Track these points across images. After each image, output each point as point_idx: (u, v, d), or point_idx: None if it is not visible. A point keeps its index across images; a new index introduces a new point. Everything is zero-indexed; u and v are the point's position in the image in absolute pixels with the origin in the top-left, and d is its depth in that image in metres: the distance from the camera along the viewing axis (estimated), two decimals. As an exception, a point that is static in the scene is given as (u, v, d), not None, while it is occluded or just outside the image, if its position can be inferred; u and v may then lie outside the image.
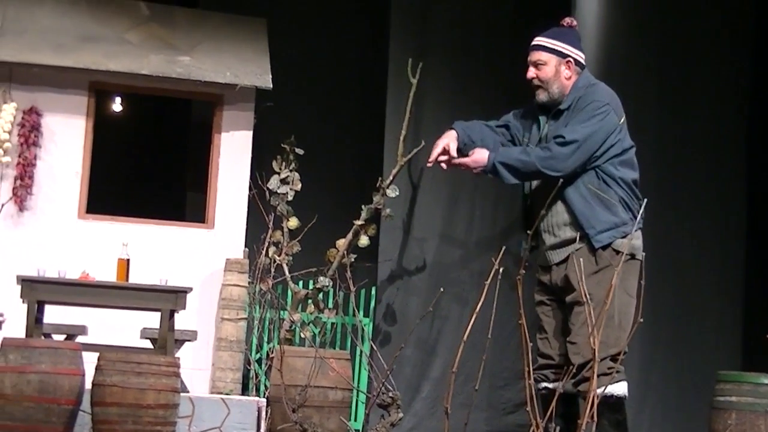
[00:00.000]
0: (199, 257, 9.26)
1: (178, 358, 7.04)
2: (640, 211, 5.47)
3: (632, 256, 5.72)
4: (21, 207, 9.04)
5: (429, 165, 6.14)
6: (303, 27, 9.97)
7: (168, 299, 7.67)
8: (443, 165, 6.00)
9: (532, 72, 6.00)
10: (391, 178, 9.21)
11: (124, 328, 8.71)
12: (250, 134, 9.42)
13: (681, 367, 9.28)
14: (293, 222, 9.33)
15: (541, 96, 5.99)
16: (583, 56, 6.02)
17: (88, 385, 6.83)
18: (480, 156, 5.84)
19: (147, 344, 8.30)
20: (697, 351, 9.30)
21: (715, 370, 7.95)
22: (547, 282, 5.94)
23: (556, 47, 5.98)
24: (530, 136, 6.05)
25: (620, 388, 5.76)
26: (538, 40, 6.04)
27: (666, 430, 9.22)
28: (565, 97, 5.95)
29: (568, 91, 5.96)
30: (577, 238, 5.67)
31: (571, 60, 5.97)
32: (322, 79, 9.93)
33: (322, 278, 9.25)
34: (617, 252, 5.66)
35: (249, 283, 9.17)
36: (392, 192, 9.22)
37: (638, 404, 9.12)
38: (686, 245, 9.41)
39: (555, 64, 5.97)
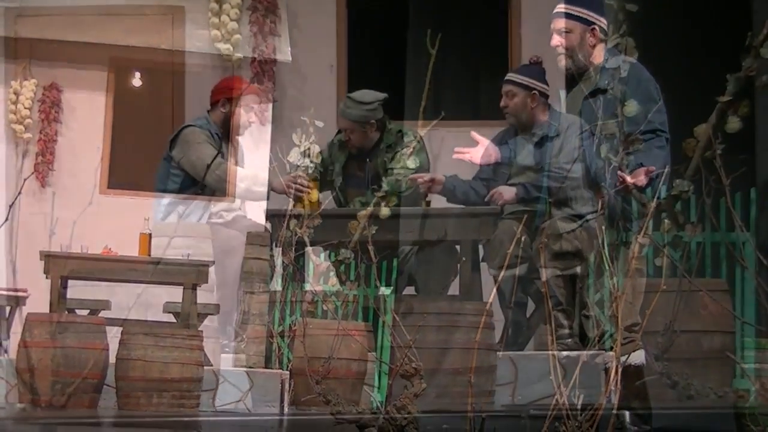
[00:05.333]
0: (221, 231, 9.24)
1: (201, 332, 7.06)
2: (656, 196, 5.47)
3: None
4: (43, 183, 9.05)
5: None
6: (322, -2, 9.93)
7: (190, 273, 7.68)
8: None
9: (556, 39, 5.93)
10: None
11: (147, 302, 8.71)
12: (269, 107, 9.40)
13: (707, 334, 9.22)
14: (314, 195, 9.30)
15: (565, 63, 5.93)
16: (606, 23, 5.96)
17: (112, 360, 6.86)
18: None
19: (170, 318, 8.32)
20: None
21: (742, 337, 7.92)
22: (558, 250, 5.91)
23: (581, 14, 5.90)
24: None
25: (638, 357, 5.77)
26: (563, 7, 5.96)
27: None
28: (598, 75, 5.86)
29: (595, 63, 5.89)
30: (597, 210, 5.67)
31: (596, 27, 5.90)
32: (341, 51, 9.87)
33: (343, 250, 9.24)
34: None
35: (270, 256, 9.16)
36: (412, 163, 9.18)
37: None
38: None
39: (580, 31, 5.90)
